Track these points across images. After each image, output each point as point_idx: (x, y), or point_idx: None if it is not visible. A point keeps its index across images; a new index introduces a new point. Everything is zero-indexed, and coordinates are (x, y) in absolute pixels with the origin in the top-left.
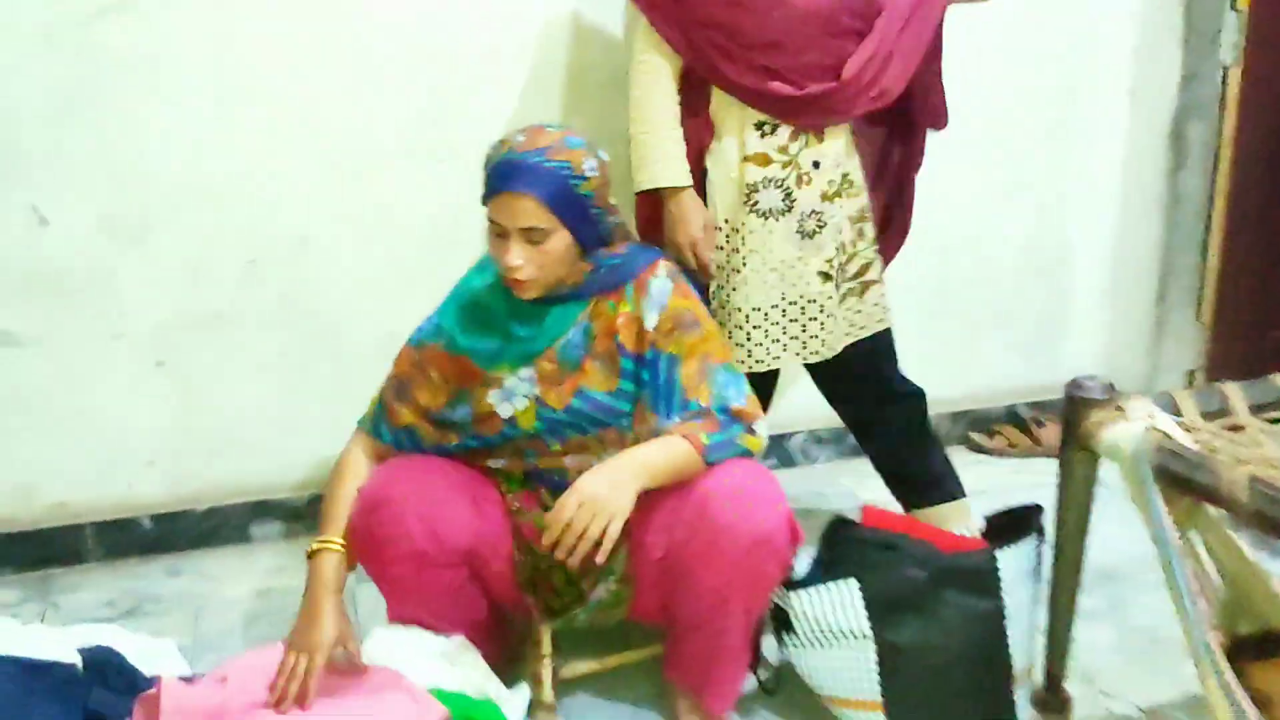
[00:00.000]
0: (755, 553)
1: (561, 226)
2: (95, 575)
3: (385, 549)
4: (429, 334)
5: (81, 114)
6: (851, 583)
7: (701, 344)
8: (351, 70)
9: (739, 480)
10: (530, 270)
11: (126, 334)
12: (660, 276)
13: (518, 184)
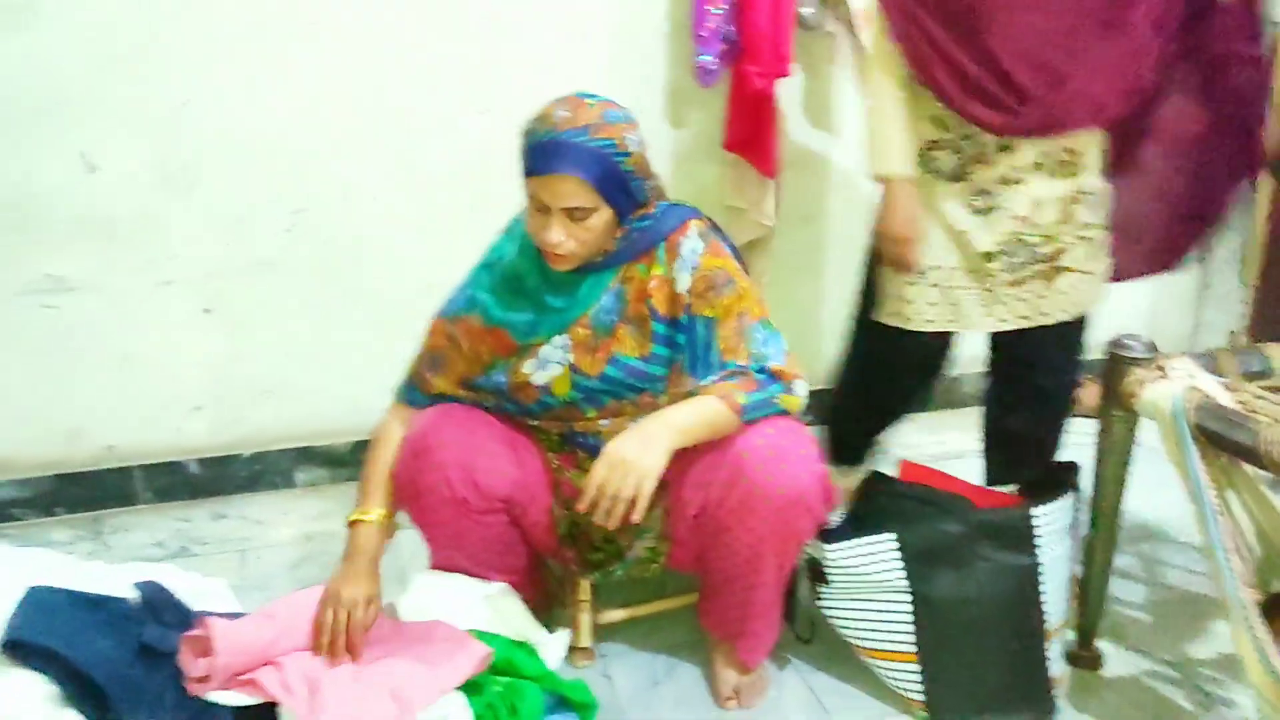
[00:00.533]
0: (789, 511)
1: (604, 204)
2: (145, 517)
3: (426, 496)
4: (462, 306)
5: (131, 61)
6: (888, 535)
7: (737, 303)
8: (397, 19)
9: (774, 439)
10: (570, 246)
11: (175, 280)
12: (691, 236)
13: (563, 165)
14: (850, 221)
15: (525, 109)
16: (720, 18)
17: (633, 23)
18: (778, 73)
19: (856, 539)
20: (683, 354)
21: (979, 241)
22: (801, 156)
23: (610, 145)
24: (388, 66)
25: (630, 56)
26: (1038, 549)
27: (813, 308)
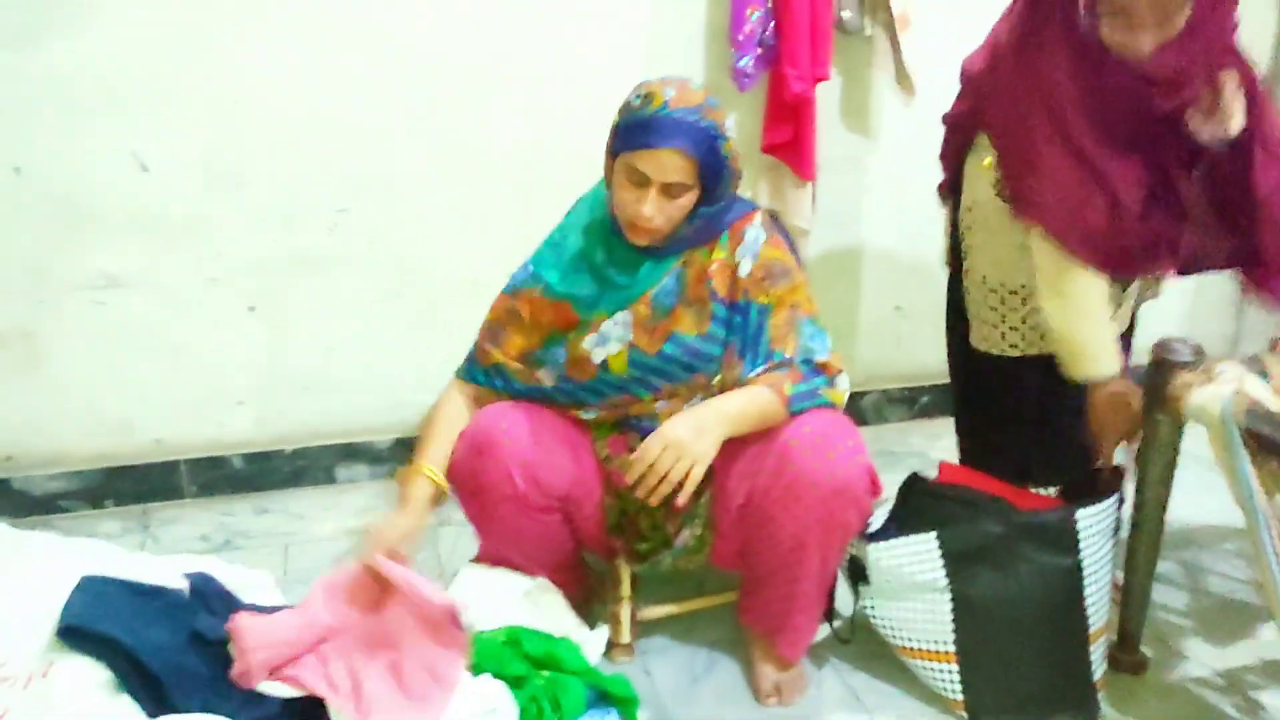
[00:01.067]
0: (834, 501)
1: (698, 185)
2: (190, 510)
3: (489, 492)
4: (524, 281)
5: (182, 63)
6: (930, 535)
7: (790, 294)
8: (441, 21)
9: (820, 429)
10: (659, 222)
11: (220, 277)
12: (755, 225)
13: (676, 140)
14: (886, 226)
15: (564, 109)
16: (757, 22)
17: (670, 26)
18: (817, 77)
19: (899, 538)
20: (737, 336)
21: None
22: (838, 160)
23: (715, 128)
24: (431, 68)
25: (668, 60)
26: (1080, 551)
27: (849, 310)
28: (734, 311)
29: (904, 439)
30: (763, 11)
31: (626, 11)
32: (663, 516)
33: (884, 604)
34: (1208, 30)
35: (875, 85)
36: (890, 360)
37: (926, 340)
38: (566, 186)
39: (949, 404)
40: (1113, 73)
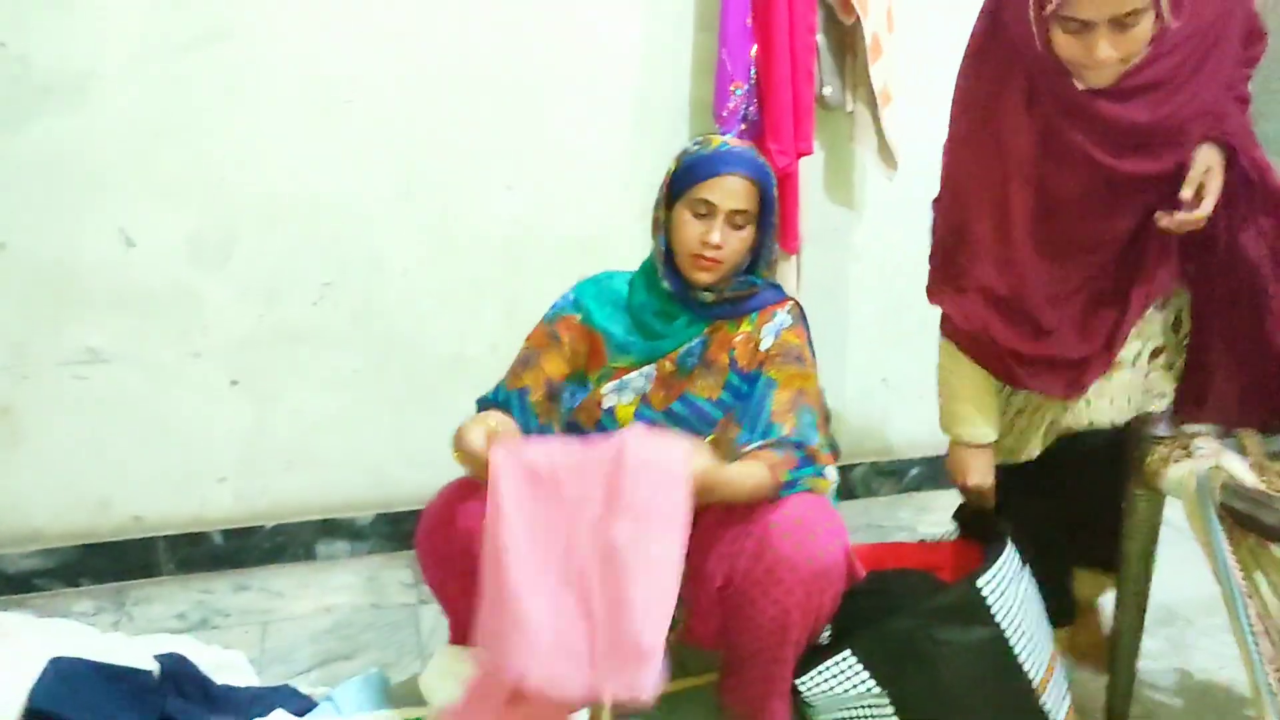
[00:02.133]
0: (814, 584)
1: (755, 221)
2: (167, 588)
3: (447, 568)
4: (564, 307)
5: (171, 139)
6: (845, 653)
7: (800, 378)
8: (425, 97)
9: (801, 513)
10: (725, 252)
11: (204, 352)
12: (784, 311)
13: (743, 168)
14: (871, 298)
15: (551, 186)
16: (741, 98)
17: (655, 102)
18: (800, 151)
19: (818, 665)
20: (740, 404)
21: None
22: (823, 233)
23: (769, 169)
24: (418, 144)
25: (654, 136)
26: (995, 616)
27: (836, 383)
28: (745, 380)
29: (892, 513)
30: (746, 88)
31: (612, 88)
32: None
33: (832, 716)
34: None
35: (858, 159)
36: (878, 433)
37: (914, 413)
38: (553, 263)
39: (937, 477)
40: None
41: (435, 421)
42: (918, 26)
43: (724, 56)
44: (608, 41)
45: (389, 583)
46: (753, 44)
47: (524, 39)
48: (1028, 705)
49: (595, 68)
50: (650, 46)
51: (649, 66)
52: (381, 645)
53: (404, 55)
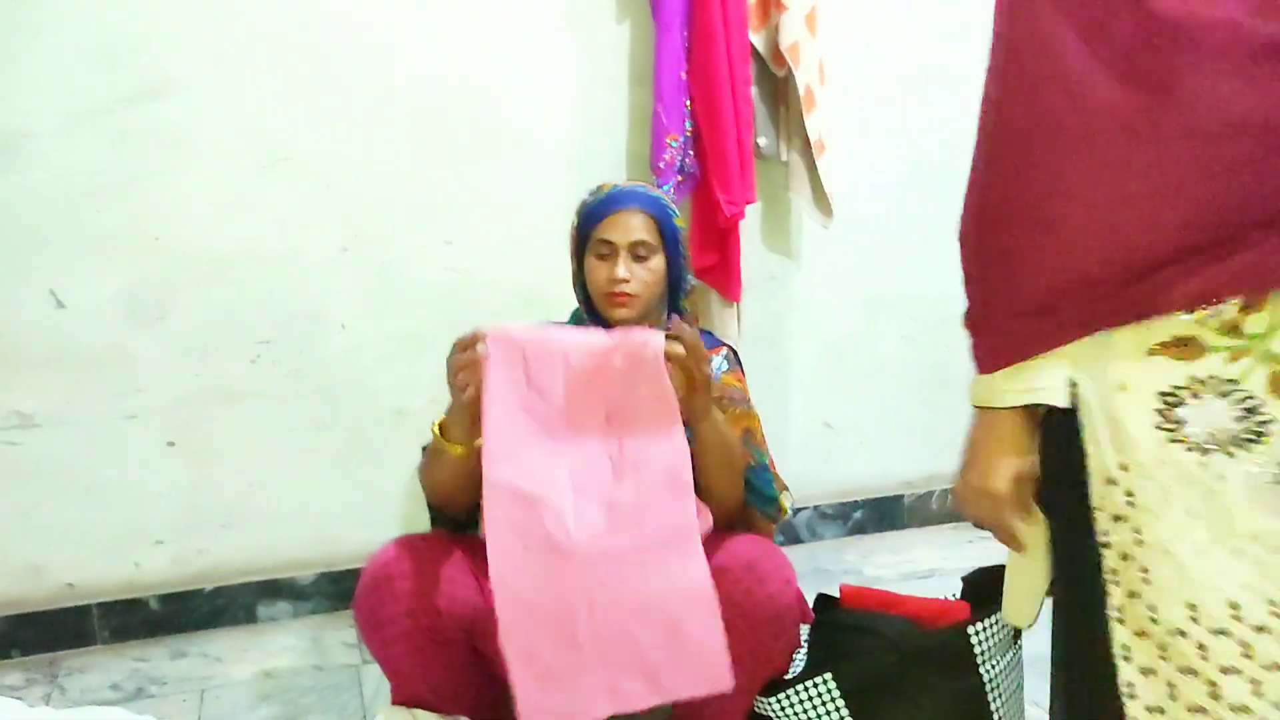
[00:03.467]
0: (766, 629)
1: (662, 250)
2: (101, 657)
3: (388, 627)
4: None
5: (102, 197)
6: (826, 676)
7: (746, 419)
8: (362, 153)
9: (752, 558)
10: (635, 285)
11: (139, 413)
12: (719, 357)
13: (631, 202)
14: (811, 343)
15: (490, 239)
16: (677, 149)
17: (592, 155)
18: (747, 199)
19: (794, 686)
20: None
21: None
22: (761, 281)
23: (663, 199)
24: (355, 199)
25: (590, 187)
26: (980, 667)
27: (779, 427)
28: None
29: (838, 556)
30: (682, 139)
31: (549, 141)
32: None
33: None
34: None
35: (794, 208)
36: (821, 477)
37: (857, 456)
38: (494, 315)
39: (882, 519)
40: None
41: (377, 477)
42: (846, 78)
43: (659, 110)
44: (543, 96)
45: (332, 643)
46: (687, 97)
47: (461, 94)
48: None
49: (532, 122)
50: (586, 101)
51: (585, 120)
52: (323, 708)
53: (342, 111)
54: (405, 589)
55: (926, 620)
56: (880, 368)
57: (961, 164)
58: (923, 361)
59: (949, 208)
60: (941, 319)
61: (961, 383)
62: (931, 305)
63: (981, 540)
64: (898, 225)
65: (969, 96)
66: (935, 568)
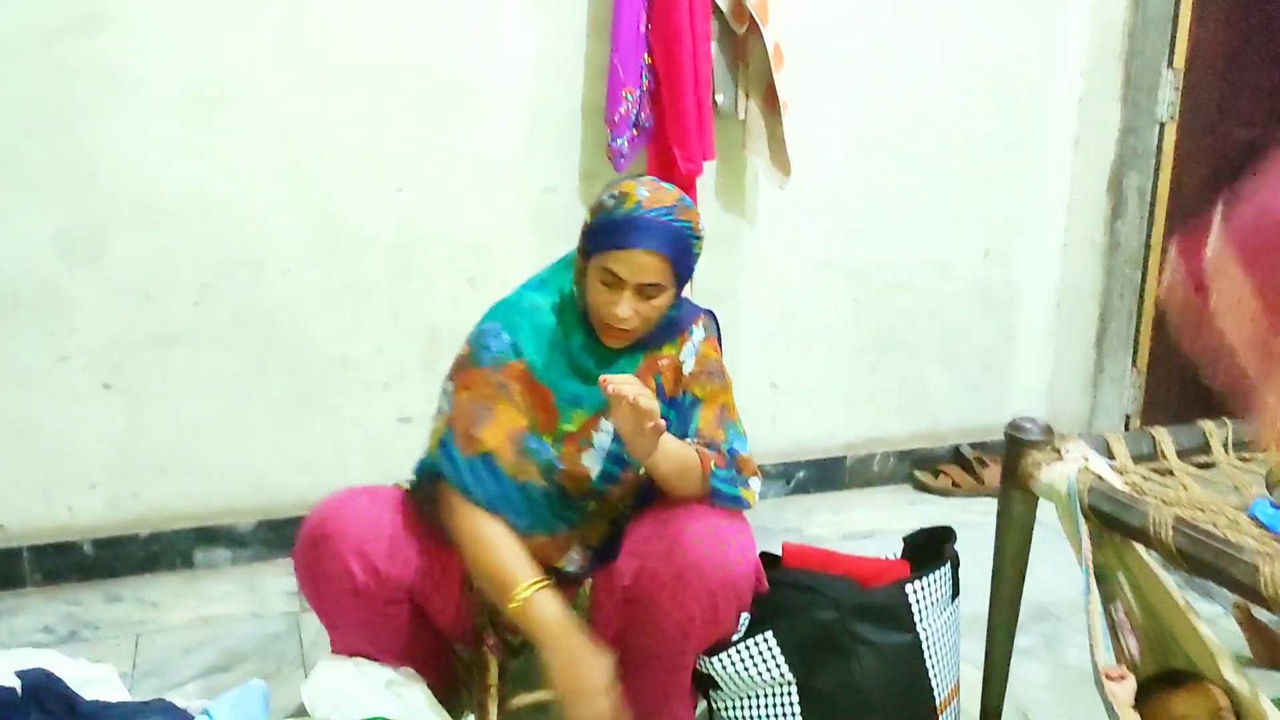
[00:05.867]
0: (720, 594)
1: (673, 284)
2: (32, 600)
3: (326, 585)
4: (505, 353)
5: (38, 130)
6: (767, 634)
7: (721, 394)
8: (310, 96)
9: (715, 524)
10: (635, 323)
11: (74, 355)
12: (699, 327)
13: (651, 242)
14: (761, 305)
15: (440, 187)
16: (633, 103)
17: (547, 106)
18: (705, 156)
19: (735, 644)
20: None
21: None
22: (714, 240)
23: (689, 227)
24: (303, 143)
25: (544, 139)
26: (917, 624)
27: None
28: (672, 407)
29: (779, 515)
30: (639, 93)
31: (504, 91)
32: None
33: (734, 704)
34: None
35: (749, 167)
36: (766, 437)
37: (801, 417)
38: (439, 266)
39: (824, 479)
40: None
41: (318, 425)
42: (805, 41)
43: (616, 62)
44: (499, 44)
45: (270, 591)
46: (645, 50)
47: (415, 39)
48: (926, 718)
49: (487, 70)
50: (542, 50)
51: (541, 70)
52: (261, 655)
53: (291, 51)
54: (344, 548)
55: (866, 579)
56: (828, 331)
57: (916, 133)
58: (870, 326)
59: (900, 173)
60: (890, 284)
61: (906, 348)
62: (880, 270)
63: (921, 502)
64: (850, 190)
65: (926, 64)
66: (876, 528)
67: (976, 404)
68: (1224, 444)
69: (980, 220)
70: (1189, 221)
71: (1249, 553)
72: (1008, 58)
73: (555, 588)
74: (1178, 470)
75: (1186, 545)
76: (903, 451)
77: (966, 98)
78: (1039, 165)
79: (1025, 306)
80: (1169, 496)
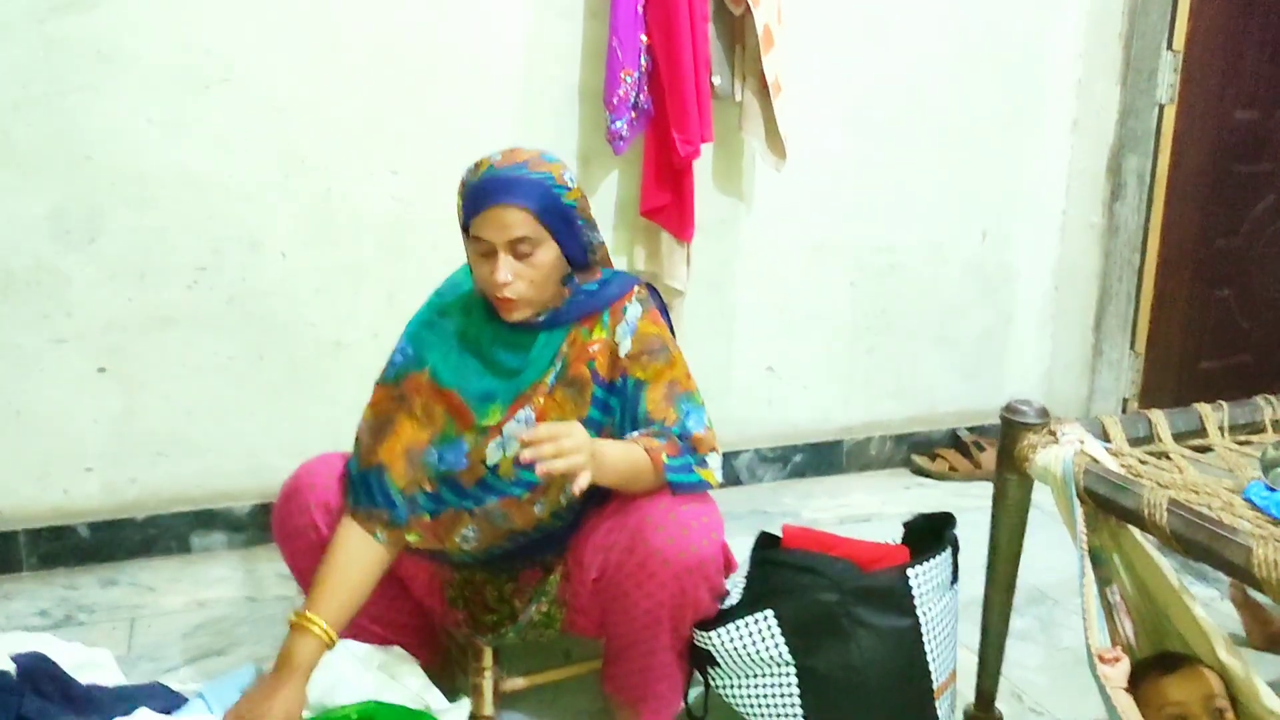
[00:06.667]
0: (687, 578)
1: (549, 237)
2: (28, 584)
3: (296, 539)
4: (406, 365)
5: (31, 110)
6: (768, 613)
7: (668, 370)
8: (307, 76)
9: (676, 506)
10: (520, 287)
11: (69, 337)
12: (633, 303)
13: (504, 196)
14: (758, 287)
15: (436, 169)
16: (631, 85)
17: (546, 87)
18: (703, 138)
19: (734, 621)
20: (612, 418)
21: None
22: (711, 223)
23: (549, 178)
24: (299, 124)
25: (540, 121)
26: (917, 609)
27: (722, 370)
28: (611, 393)
29: (776, 498)
30: (637, 75)
31: (500, 72)
32: (510, 590)
33: (732, 681)
34: None
35: (746, 149)
36: (762, 420)
37: (798, 400)
38: (434, 248)
39: (821, 463)
40: None
41: (314, 408)
42: (801, 22)
43: (614, 44)
44: (496, 25)
45: (266, 575)
46: (643, 31)
47: (412, 20)
48: (923, 703)
49: (484, 51)
50: (539, 31)
51: (538, 51)
52: (256, 639)
53: (287, 31)
54: (316, 500)
55: (866, 562)
56: (824, 314)
57: (913, 115)
58: (866, 309)
59: (897, 155)
60: (887, 267)
61: (903, 331)
62: (877, 253)
63: (918, 486)
64: (846, 172)
65: (923, 45)
66: (873, 512)
67: (973, 387)
68: (1220, 427)
69: (978, 202)
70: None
71: (1243, 535)
72: (1006, 38)
73: (320, 637)
74: (1173, 453)
75: (1180, 527)
76: (899, 435)
77: (964, 79)
78: (1037, 147)
79: (1022, 289)
80: (1164, 479)
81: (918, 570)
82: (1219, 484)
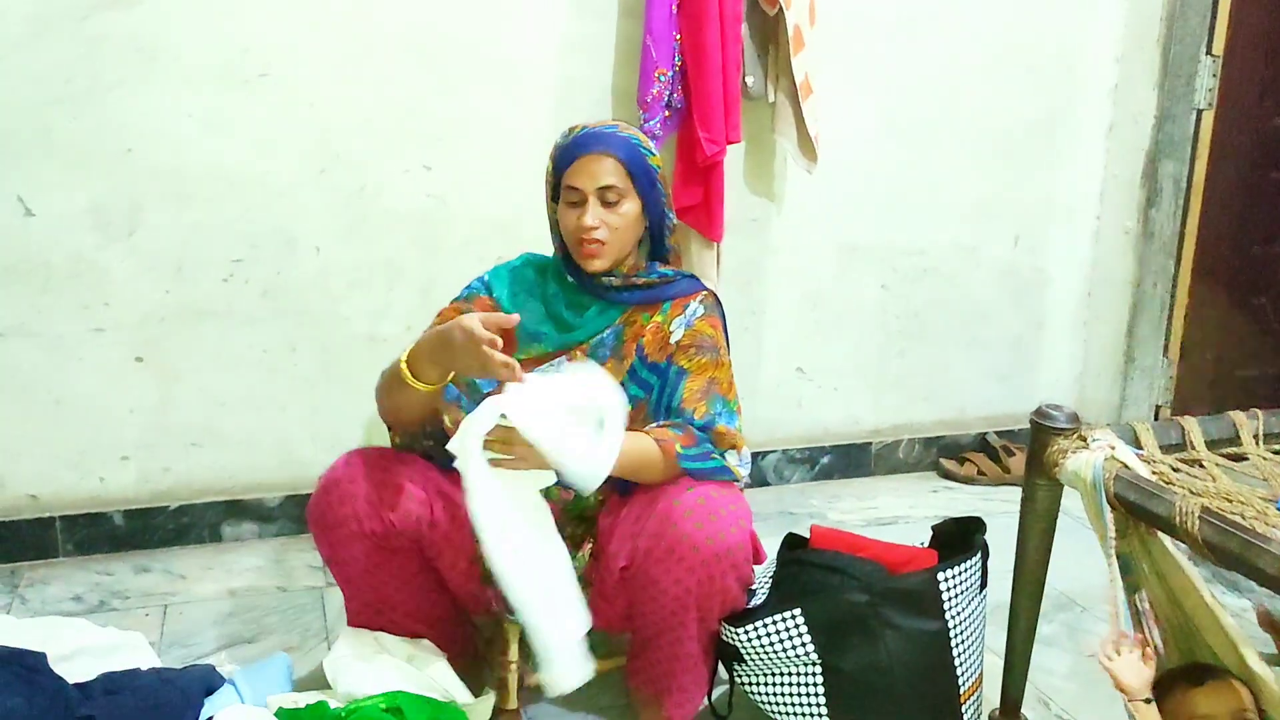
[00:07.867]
0: (715, 565)
1: (634, 192)
2: (63, 569)
3: (337, 530)
4: (477, 289)
5: (73, 105)
6: (796, 611)
7: (712, 369)
8: (342, 74)
9: (705, 494)
10: (605, 233)
11: (108, 327)
12: (697, 302)
13: (597, 146)
14: (789, 288)
15: (470, 166)
16: (665, 84)
17: (578, 87)
18: (731, 139)
19: (763, 619)
20: (649, 394)
21: None
22: (742, 223)
23: (636, 139)
24: (335, 121)
25: (574, 119)
26: (946, 612)
27: (751, 371)
28: (652, 372)
29: (804, 499)
30: (671, 74)
31: (535, 71)
32: None
33: (758, 679)
34: None
35: (778, 150)
36: (791, 421)
37: (827, 402)
38: (468, 245)
39: (849, 465)
40: None
41: (346, 402)
42: (835, 22)
43: (649, 43)
44: (531, 23)
45: (296, 565)
46: (676, 30)
47: (447, 18)
48: (950, 707)
49: (518, 48)
50: (573, 30)
51: (572, 50)
52: (286, 628)
53: (324, 30)
54: (355, 492)
55: (894, 564)
56: (855, 316)
57: (946, 117)
58: (897, 311)
59: (930, 158)
60: (918, 270)
61: (934, 334)
62: (909, 255)
63: (946, 490)
64: (879, 174)
65: (957, 47)
66: (900, 515)
67: (1004, 392)
68: (1255, 436)
69: (1011, 206)
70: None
71: (1276, 544)
72: (1041, 41)
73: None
74: (1206, 461)
75: (1213, 535)
76: (929, 439)
77: (998, 82)
78: (1071, 151)
79: (1055, 294)
80: (1196, 487)
81: (949, 574)
82: (1253, 493)
